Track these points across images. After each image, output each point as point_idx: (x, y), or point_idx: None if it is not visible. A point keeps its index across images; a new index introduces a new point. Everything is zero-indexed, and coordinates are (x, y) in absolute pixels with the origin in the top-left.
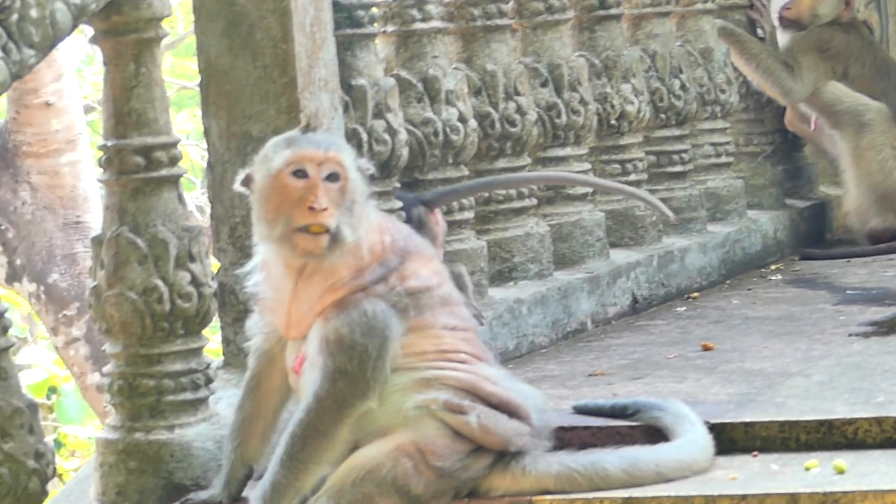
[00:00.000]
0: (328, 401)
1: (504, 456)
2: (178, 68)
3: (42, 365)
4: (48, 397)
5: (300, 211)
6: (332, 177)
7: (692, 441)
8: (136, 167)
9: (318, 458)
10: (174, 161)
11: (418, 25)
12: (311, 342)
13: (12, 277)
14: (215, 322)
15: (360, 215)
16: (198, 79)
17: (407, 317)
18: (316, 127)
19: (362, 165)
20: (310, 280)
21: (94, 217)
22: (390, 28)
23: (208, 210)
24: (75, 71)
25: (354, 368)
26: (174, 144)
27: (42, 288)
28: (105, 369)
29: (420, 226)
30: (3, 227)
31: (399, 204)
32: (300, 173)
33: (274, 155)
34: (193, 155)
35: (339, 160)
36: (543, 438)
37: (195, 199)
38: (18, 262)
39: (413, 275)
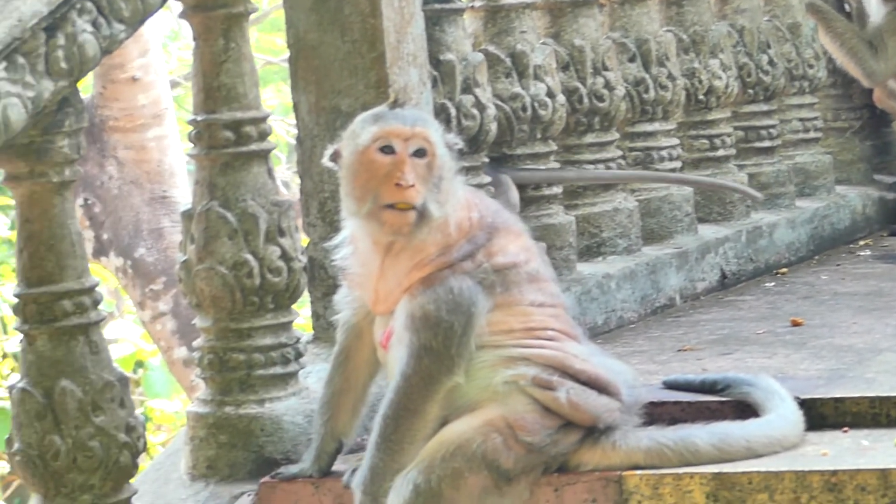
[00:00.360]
0: (415, 378)
1: (593, 431)
2: (263, 43)
3: (129, 339)
4: (135, 372)
5: (387, 187)
6: (419, 152)
7: (782, 416)
8: (226, 142)
9: (411, 437)
10: (264, 136)
11: (506, 0)
12: (397, 318)
13: (99, 252)
14: (304, 297)
15: (447, 191)
16: (283, 54)
17: (494, 294)
18: (404, 102)
19: (450, 141)
20: (397, 257)
21: (181, 192)
22: (478, 3)
23: (293, 185)
24: (161, 46)
25: (440, 345)
26: (263, 119)
27: (129, 262)
28: (195, 343)
29: (501, 193)
30: (90, 202)
31: (487, 179)
32: (387, 149)
33: (361, 131)
34: (279, 130)
35: (426, 136)
36: (633, 414)
37: (280, 174)
38: (105, 236)
39: (500, 251)
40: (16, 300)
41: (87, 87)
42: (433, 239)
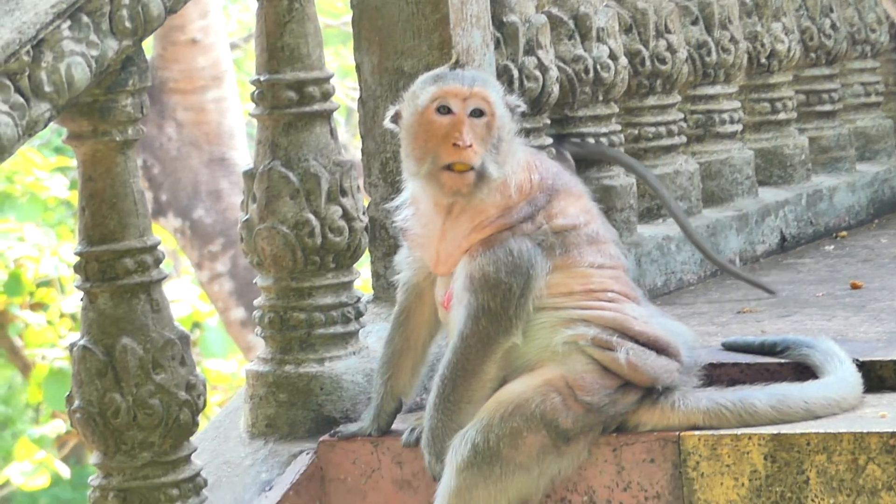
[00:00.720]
0: (473, 339)
1: (652, 392)
2: (322, 5)
3: (186, 300)
4: (192, 332)
5: (445, 148)
6: (477, 112)
7: (841, 378)
8: (289, 102)
9: (469, 397)
10: (326, 96)
11: None
12: (457, 279)
13: (157, 212)
14: (365, 257)
15: (507, 152)
16: (342, 17)
17: (553, 255)
18: (465, 63)
19: (511, 102)
20: (458, 218)
21: (239, 154)
22: None
23: (352, 147)
24: (221, 8)
25: (498, 306)
26: (327, 79)
27: (187, 223)
28: (255, 302)
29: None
30: (149, 164)
31: (549, 140)
32: (445, 109)
33: (421, 91)
34: (338, 93)
35: (485, 96)
36: (693, 375)
37: (339, 136)
38: (164, 197)
39: (560, 213)
40: (77, 258)
41: (147, 48)
42: (493, 200)
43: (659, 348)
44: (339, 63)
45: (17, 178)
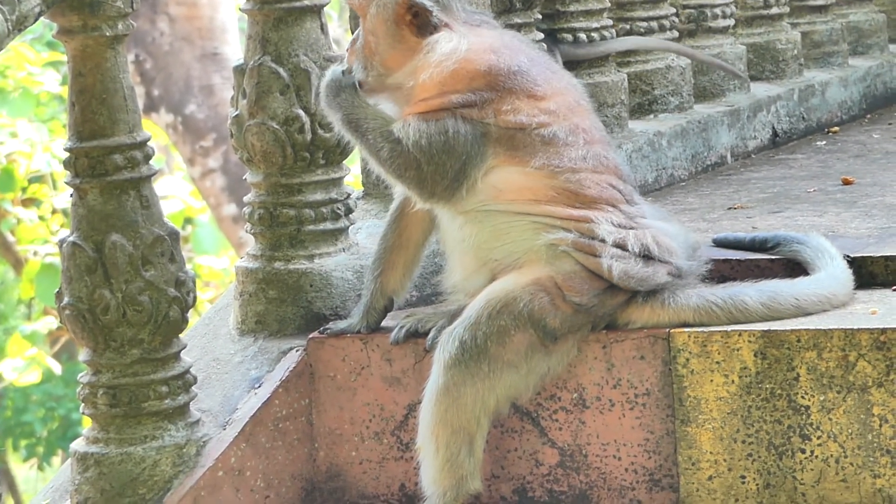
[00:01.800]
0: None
1: (641, 291)
2: None
3: (178, 196)
4: (183, 228)
5: None
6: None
7: (832, 275)
8: None
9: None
10: None
11: None
12: None
13: (149, 108)
14: (356, 153)
15: (384, 50)
16: None
17: (498, 150)
18: None
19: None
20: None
21: (232, 49)
22: None
23: (343, 42)
24: None
25: (427, 177)
26: None
27: (179, 119)
28: (245, 198)
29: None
30: (141, 58)
31: (540, 36)
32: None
33: None
34: None
35: (353, 4)
36: (694, 277)
37: (332, 31)
38: (156, 92)
39: (512, 111)
40: (67, 154)
41: None
42: (415, 88)
43: (643, 254)
44: None
45: (9, 73)
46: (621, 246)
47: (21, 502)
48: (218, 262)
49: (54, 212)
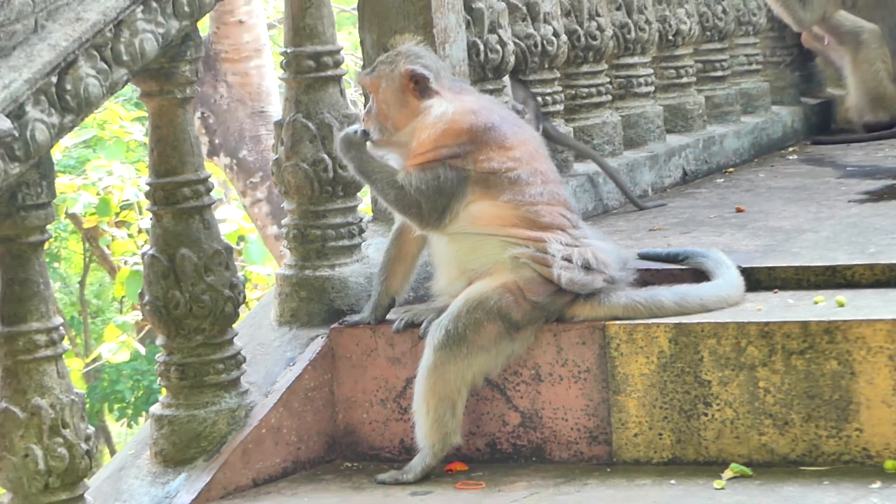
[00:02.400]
0: (404, 201)
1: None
2: None
3: (234, 220)
4: (238, 244)
5: None
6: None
7: (728, 281)
8: (309, 68)
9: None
10: (338, 64)
11: None
12: None
13: (212, 152)
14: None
15: (397, 114)
16: (351, 4)
17: (476, 189)
18: (390, 49)
19: (416, 72)
20: (406, 157)
21: (275, 108)
22: None
23: (359, 103)
24: None
25: (423, 211)
26: (338, 51)
27: (234, 161)
28: (283, 222)
29: (531, 108)
30: (205, 115)
31: (507, 98)
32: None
33: None
34: (349, 62)
35: (365, 83)
36: (626, 284)
37: (350, 95)
38: (217, 141)
39: (486, 160)
40: (147, 188)
41: (204, 27)
42: (415, 144)
43: (585, 266)
44: (350, 41)
45: (106, 126)
46: (568, 259)
47: (114, 451)
48: (264, 270)
49: (140, 231)
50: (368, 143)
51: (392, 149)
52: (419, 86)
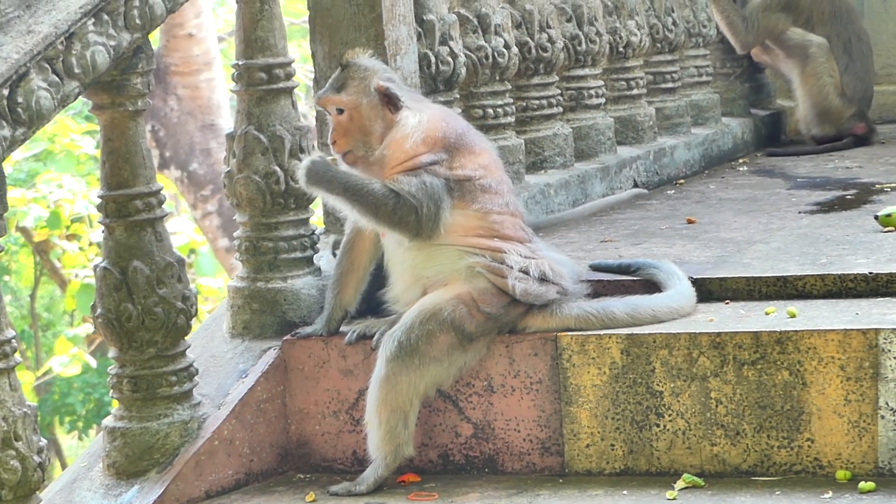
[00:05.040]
0: (393, 209)
1: (536, 304)
2: (287, 7)
3: (184, 232)
4: (189, 256)
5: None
6: (340, 111)
7: (680, 292)
8: (261, 81)
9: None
10: (289, 77)
11: None
12: None
13: (162, 165)
14: (319, 199)
15: (377, 127)
16: (303, 16)
17: (453, 196)
18: (348, 63)
19: (381, 86)
20: (373, 169)
21: (225, 121)
22: None
23: (310, 116)
24: (211, 9)
25: (416, 215)
26: (289, 63)
27: (185, 174)
28: (235, 234)
29: None
30: (156, 128)
31: (459, 109)
32: (323, 114)
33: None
34: (300, 74)
35: (335, 100)
36: (575, 296)
37: (300, 108)
38: (167, 153)
39: (460, 167)
40: (99, 200)
41: (154, 40)
42: (396, 153)
43: (539, 277)
44: (300, 52)
45: (56, 139)
46: (524, 271)
47: (65, 464)
48: (214, 282)
49: (91, 244)
50: (340, 162)
51: (363, 168)
52: (391, 101)
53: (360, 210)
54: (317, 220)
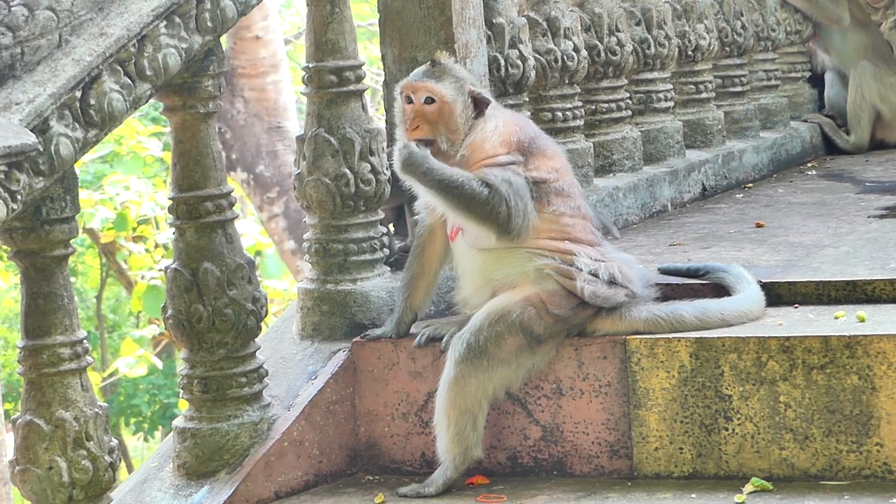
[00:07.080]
0: (490, 198)
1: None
2: (354, 9)
3: (250, 234)
4: (254, 259)
5: (407, 129)
6: (429, 100)
7: (749, 296)
8: (331, 83)
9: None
10: (359, 79)
11: None
12: None
13: (228, 168)
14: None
15: (462, 124)
16: (369, 19)
17: (531, 197)
18: (440, 61)
19: (474, 90)
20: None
21: (291, 123)
22: None
23: (377, 119)
24: (278, 12)
25: (505, 208)
26: (360, 66)
27: (251, 176)
28: (305, 236)
29: None
30: (222, 130)
31: (528, 112)
32: (408, 99)
33: (396, 85)
34: (367, 77)
35: (429, 87)
36: (644, 300)
37: (368, 109)
38: (234, 156)
39: (535, 168)
40: (170, 202)
41: (222, 42)
42: (475, 153)
43: (609, 280)
44: (366, 55)
45: (123, 141)
46: (593, 274)
47: (131, 465)
48: (280, 285)
49: (157, 246)
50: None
51: (446, 163)
52: (479, 106)
53: (452, 201)
54: None
